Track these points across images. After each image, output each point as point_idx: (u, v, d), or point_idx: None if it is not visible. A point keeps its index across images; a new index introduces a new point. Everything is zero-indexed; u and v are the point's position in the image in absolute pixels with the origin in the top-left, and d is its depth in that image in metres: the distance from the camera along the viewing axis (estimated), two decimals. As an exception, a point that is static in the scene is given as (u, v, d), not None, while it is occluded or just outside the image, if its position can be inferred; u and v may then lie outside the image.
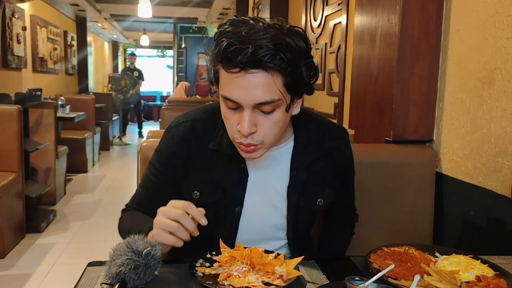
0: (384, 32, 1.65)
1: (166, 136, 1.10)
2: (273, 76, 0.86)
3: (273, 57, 0.83)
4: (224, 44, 0.85)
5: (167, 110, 3.40)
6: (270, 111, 0.90)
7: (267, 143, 0.95)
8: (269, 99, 0.87)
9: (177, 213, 0.88)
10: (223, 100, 0.92)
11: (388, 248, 1.03)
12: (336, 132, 1.16)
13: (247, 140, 0.92)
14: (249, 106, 0.88)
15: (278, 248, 1.16)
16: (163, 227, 0.89)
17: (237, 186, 1.07)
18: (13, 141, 3.13)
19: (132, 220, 1.10)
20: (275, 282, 0.85)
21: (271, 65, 0.84)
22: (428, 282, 0.86)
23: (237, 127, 0.92)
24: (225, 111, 0.94)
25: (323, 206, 1.12)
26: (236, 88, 0.87)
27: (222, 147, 1.05)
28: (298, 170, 1.08)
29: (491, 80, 1.32)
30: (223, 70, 0.89)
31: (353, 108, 1.98)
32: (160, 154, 1.11)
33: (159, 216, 0.90)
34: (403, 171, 1.55)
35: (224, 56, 0.86)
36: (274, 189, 1.10)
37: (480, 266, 0.95)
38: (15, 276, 2.72)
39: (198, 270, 0.91)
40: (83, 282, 0.87)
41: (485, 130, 1.35)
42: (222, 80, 0.91)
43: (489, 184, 1.33)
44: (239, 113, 0.91)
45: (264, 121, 0.91)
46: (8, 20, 4.86)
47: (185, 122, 1.09)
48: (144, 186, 1.14)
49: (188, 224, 0.87)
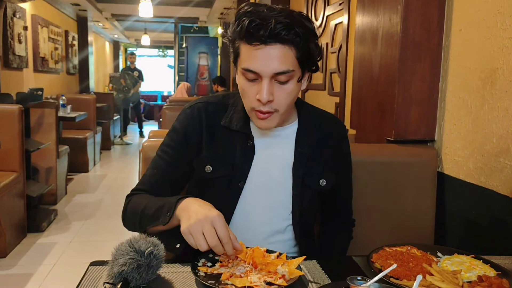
0: (385, 32, 1.65)
1: (181, 117, 1.19)
2: (289, 48, 0.99)
3: (289, 30, 0.97)
4: (247, 21, 0.98)
5: (168, 110, 3.40)
6: (285, 81, 1.02)
7: (281, 112, 1.06)
8: (285, 69, 1.00)
9: (213, 243, 0.91)
10: (242, 73, 1.04)
11: (390, 248, 1.03)
12: (334, 119, 1.28)
13: (266, 108, 1.03)
14: (268, 76, 1.00)
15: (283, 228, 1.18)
16: (194, 239, 0.92)
17: (244, 162, 1.14)
18: (15, 141, 3.13)
19: (146, 201, 1.10)
20: (277, 282, 0.85)
21: (288, 37, 0.97)
22: (430, 282, 0.86)
23: (256, 97, 1.03)
24: (244, 84, 1.05)
25: (325, 187, 1.19)
26: (257, 60, 1.00)
27: (232, 124, 1.15)
28: (303, 147, 1.17)
29: (493, 80, 1.32)
30: (244, 45, 1.01)
31: (355, 108, 1.98)
32: (175, 132, 1.18)
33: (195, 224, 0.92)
34: (404, 171, 1.55)
35: (247, 32, 0.98)
36: (280, 167, 1.16)
37: (482, 266, 0.95)
38: (17, 275, 2.72)
39: (200, 270, 0.91)
40: (86, 282, 0.87)
41: (486, 130, 1.35)
42: (243, 55, 1.03)
43: (491, 184, 1.33)
44: (257, 84, 1.03)
45: (279, 91, 1.03)
46: (10, 20, 4.86)
47: (199, 103, 1.19)
48: (156, 166, 1.18)
49: (218, 252, 0.92)
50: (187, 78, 9.59)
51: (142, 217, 1.08)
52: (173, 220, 0.99)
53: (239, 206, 1.15)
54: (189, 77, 9.69)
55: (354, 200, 1.33)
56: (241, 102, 1.16)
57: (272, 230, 1.17)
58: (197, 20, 9.76)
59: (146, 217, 1.06)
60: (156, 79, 15.62)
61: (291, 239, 1.20)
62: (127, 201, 1.17)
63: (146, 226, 1.06)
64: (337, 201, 1.30)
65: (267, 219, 1.16)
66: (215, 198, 1.14)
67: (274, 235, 1.17)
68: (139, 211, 1.08)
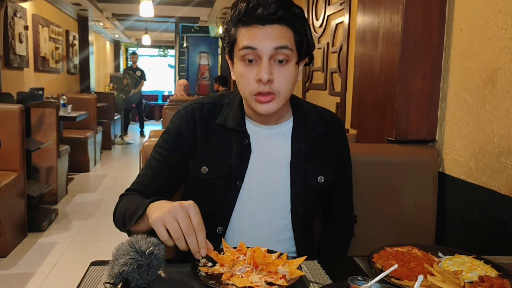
0: (386, 31, 1.65)
1: (174, 118, 1.18)
2: (286, 29, 1.02)
3: (287, 9, 1.01)
4: (244, 4, 1.01)
5: (168, 110, 3.41)
6: (284, 60, 1.03)
7: (282, 95, 1.06)
8: (284, 43, 1.01)
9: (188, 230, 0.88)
10: (241, 57, 1.04)
11: (391, 248, 1.03)
12: (331, 115, 1.27)
13: (266, 88, 1.03)
14: (268, 53, 1.01)
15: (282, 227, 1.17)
16: (167, 225, 0.88)
17: (240, 161, 1.13)
18: (15, 141, 3.14)
19: (130, 202, 1.09)
20: (278, 282, 0.85)
21: (286, 16, 1.01)
22: (431, 282, 0.86)
23: (256, 78, 1.03)
24: (242, 69, 1.05)
25: (324, 184, 1.18)
26: (256, 38, 1.01)
27: (228, 123, 1.14)
28: (300, 144, 1.16)
29: (494, 80, 1.32)
30: (241, 28, 1.03)
31: (355, 108, 1.97)
32: (169, 134, 1.17)
33: (169, 212, 0.88)
34: (405, 171, 1.55)
35: (245, 13, 1.01)
36: (278, 164, 1.16)
37: (483, 266, 0.95)
38: (17, 275, 2.72)
39: (201, 270, 0.91)
40: (86, 282, 0.87)
41: (488, 130, 1.35)
42: (240, 37, 1.04)
43: (492, 184, 1.32)
44: (256, 66, 1.03)
45: (279, 72, 1.04)
46: (10, 20, 4.86)
47: (193, 105, 1.18)
48: (149, 167, 1.17)
49: (191, 243, 0.88)
50: (188, 78, 9.59)
51: (124, 217, 1.07)
52: (145, 219, 0.96)
53: (237, 206, 1.15)
54: (190, 76, 9.69)
55: (355, 199, 1.32)
56: (236, 101, 1.16)
57: (271, 230, 1.16)
58: (197, 20, 9.76)
59: (126, 218, 1.05)
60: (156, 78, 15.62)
61: (291, 238, 1.19)
62: (118, 201, 1.16)
63: (127, 226, 1.04)
64: (337, 197, 1.29)
65: (266, 218, 1.16)
66: (213, 198, 1.15)
67: (273, 234, 1.17)
68: (123, 212, 1.08)
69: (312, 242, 1.29)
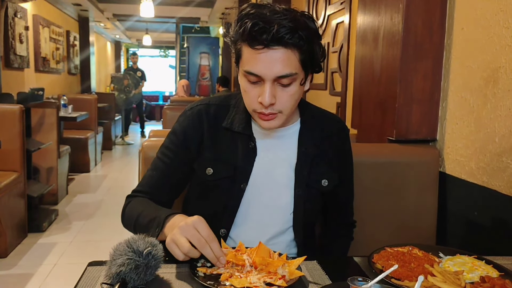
0: (387, 30, 1.64)
1: (181, 119, 1.17)
2: (292, 52, 0.98)
3: (292, 34, 0.95)
4: (250, 24, 0.96)
5: (169, 110, 3.40)
6: (288, 84, 1.00)
7: (284, 113, 1.05)
8: (288, 72, 0.98)
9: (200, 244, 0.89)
10: (244, 75, 1.03)
11: (391, 249, 1.02)
12: (336, 118, 1.27)
13: (268, 110, 1.02)
14: (270, 79, 0.98)
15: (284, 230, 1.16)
16: (177, 243, 0.90)
17: (245, 163, 1.13)
18: (15, 141, 3.13)
19: (140, 208, 1.10)
20: (277, 283, 0.84)
21: (291, 41, 0.96)
22: (432, 283, 0.85)
23: (258, 99, 1.02)
24: (246, 86, 1.04)
25: (327, 188, 1.17)
26: (259, 63, 0.98)
27: (234, 126, 1.14)
28: (306, 146, 1.16)
29: (495, 79, 1.31)
30: (246, 47, 1.00)
31: (356, 108, 1.97)
32: (175, 134, 1.16)
33: (178, 231, 0.91)
34: (406, 171, 1.54)
35: (249, 35, 0.97)
36: (283, 167, 1.15)
37: (484, 266, 0.94)
38: (17, 275, 2.71)
39: (199, 270, 0.90)
40: (84, 282, 0.86)
41: (489, 130, 1.34)
42: (245, 57, 1.01)
43: (493, 184, 1.31)
44: (260, 86, 1.01)
45: (282, 93, 1.01)
46: (11, 20, 4.86)
47: (200, 105, 1.17)
48: (155, 168, 1.17)
49: (207, 254, 0.90)
50: (189, 78, 9.59)
51: (136, 224, 1.08)
52: (162, 235, 0.98)
53: (241, 207, 1.14)
54: (191, 77, 9.69)
55: (355, 200, 1.32)
56: (243, 103, 1.15)
57: (274, 232, 1.15)
58: (198, 20, 9.76)
59: (140, 226, 1.05)
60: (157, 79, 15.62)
61: (292, 240, 1.18)
62: (126, 202, 1.17)
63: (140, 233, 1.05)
64: (338, 202, 1.28)
65: (269, 220, 1.15)
66: (217, 200, 1.14)
67: (275, 236, 1.16)
68: (134, 218, 1.09)
69: (313, 244, 1.28)
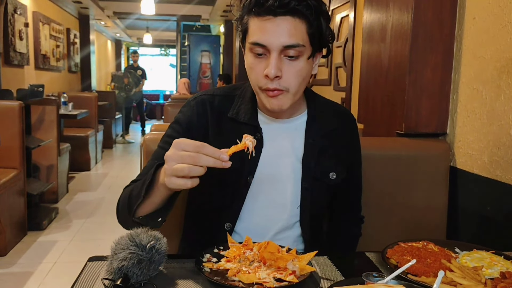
0: (396, 22, 1.59)
1: (184, 109, 1.13)
2: (300, 22, 0.95)
3: (300, 1, 0.94)
4: None
5: (170, 107, 3.38)
6: (295, 56, 0.97)
7: (291, 92, 1.00)
8: (294, 42, 0.95)
9: (191, 159, 0.82)
10: (250, 49, 1.00)
11: (405, 244, 0.98)
12: (345, 111, 1.24)
13: (273, 85, 0.98)
14: (277, 49, 0.95)
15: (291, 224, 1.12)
16: (175, 174, 0.83)
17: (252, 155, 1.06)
18: (15, 138, 3.09)
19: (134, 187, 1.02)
20: (288, 279, 0.80)
21: (299, 8, 0.94)
22: (451, 279, 0.81)
23: (263, 73, 0.98)
24: (252, 61, 1.00)
25: (335, 181, 1.13)
26: (266, 32, 0.95)
27: (239, 116, 1.10)
28: (314, 138, 1.12)
29: (509, 69, 1.27)
30: (253, 19, 0.98)
31: (362, 102, 1.92)
32: (179, 123, 1.12)
33: (168, 164, 0.84)
34: (415, 165, 1.49)
35: (256, 2, 0.95)
36: (290, 159, 1.11)
37: (504, 262, 0.90)
38: (17, 274, 2.68)
39: (205, 266, 0.86)
40: (84, 278, 0.82)
41: (503, 122, 1.29)
42: (251, 28, 0.99)
43: (508, 178, 1.27)
44: (265, 60, 0.98)
45: (288, 68, 0.98)
46: (10, 16, 4.82)
47: (203, 96, 1.14)
48: (156, 157, 1.08)
49: (206, 161, 0.82)
50: (190, 77, 9.55)
51: (130, 200, 0.99)
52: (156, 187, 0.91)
53: (247, 201, 1.10)
54: (192, 75, 9.65)
55: (364, 194, 1.28)
56: (248, 93, 1.11)
57: (280, 226, 1.11)
58: (199, 18, 9.71)
59: (133, 198, 0.97)
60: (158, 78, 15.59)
61: (299, 235, 1.14)
62: (122, 192, 1.09)
63: (133, 206, 0.96)
64: (346, 196, 1.24)
65: (275, 214, 1.11)
66: (222, 193, 1.10)
67: (281, 231, 1.12)
68: (128, 196, 1.01)
69: (320, 240, 1.24)
